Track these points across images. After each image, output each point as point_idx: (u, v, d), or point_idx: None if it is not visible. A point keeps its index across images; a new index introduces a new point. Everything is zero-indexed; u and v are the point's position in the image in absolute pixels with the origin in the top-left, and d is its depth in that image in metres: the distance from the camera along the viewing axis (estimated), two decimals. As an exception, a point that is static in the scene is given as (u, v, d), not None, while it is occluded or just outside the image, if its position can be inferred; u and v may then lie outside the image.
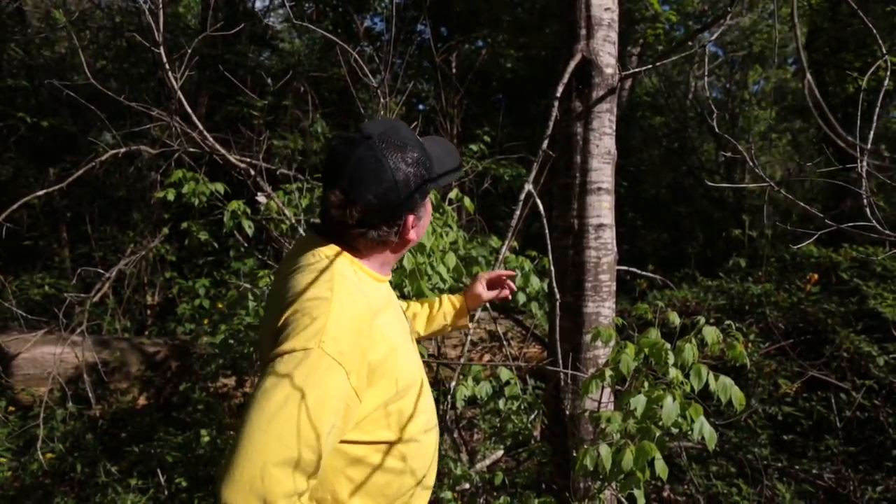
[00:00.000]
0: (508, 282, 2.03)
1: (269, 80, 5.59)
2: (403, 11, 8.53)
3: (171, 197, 3.50)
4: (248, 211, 3.53)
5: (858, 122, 1.76)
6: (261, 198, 3.59)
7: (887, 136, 9.48)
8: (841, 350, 4.25)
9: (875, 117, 1.63)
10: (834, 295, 4.80)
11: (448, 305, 1.95)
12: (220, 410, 4.00)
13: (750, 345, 4.40)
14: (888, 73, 1.54)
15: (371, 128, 1.32)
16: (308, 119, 6.59)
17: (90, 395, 3.68)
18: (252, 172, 3.46)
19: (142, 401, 4.35)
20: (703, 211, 10.22)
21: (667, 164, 10.96)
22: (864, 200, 1.33)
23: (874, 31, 2.00)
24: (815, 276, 5.03)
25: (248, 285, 3.44)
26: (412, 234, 1.36)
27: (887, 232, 1.24)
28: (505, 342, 3.30)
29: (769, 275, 5.54)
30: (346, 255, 1.32)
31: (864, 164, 1.34)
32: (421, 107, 9.71)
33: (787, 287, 5.06)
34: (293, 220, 3.53)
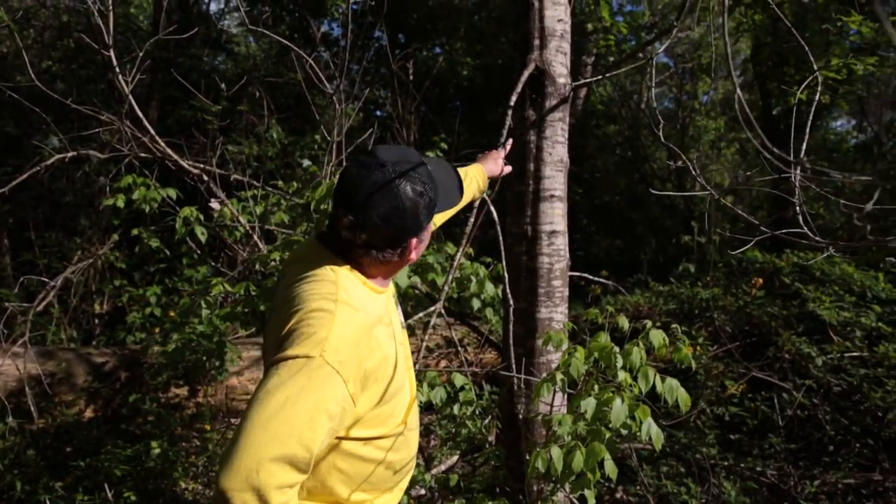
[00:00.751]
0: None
1: (223, 85, 5.53)
2: (360, 17, 8.54)
3: (120, 203, 3.44)
4: (202, 217, 3.49)
5: (793, 134, 1.86)
6: (214, 204, 3.56)
7: (825, 147, 9.90)
8: (783, 351, 4.42)
9: (807, 129, 1.72)
10: (777, 299, 4.99)
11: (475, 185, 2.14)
12: (171, 421, 3.92)
13: (699, 348, 4.52)
14: (818, 89, 1.64)
15: (385, 154, 1.40)
16: (263, 124, 6.53)
17: (32, 408, 3.56)
18: (205, 178, 3.43)
19: (88, 413, 4.23)
20: (655, 218, 10.46)
21: (621, 172, 11.19)
22: (798, 209, 1.41)
23: (807, 48, 2.11)
24: (760, 280, 5.21)
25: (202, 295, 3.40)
26: (413, 256, 1.46)
27: (817, 238, 1.32)
28: (461, 348, 3.35)
29: (717, 279, 5.71)
30: (349, 270, 1.41)
31: (797, 175, 1.42)
32: (378, 113, 9.72)
33: (734, 291, 5.23)
34: (247, 228, 3.51)
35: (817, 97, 1.72)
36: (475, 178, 2.15)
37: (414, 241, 1.43)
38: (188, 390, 4.43)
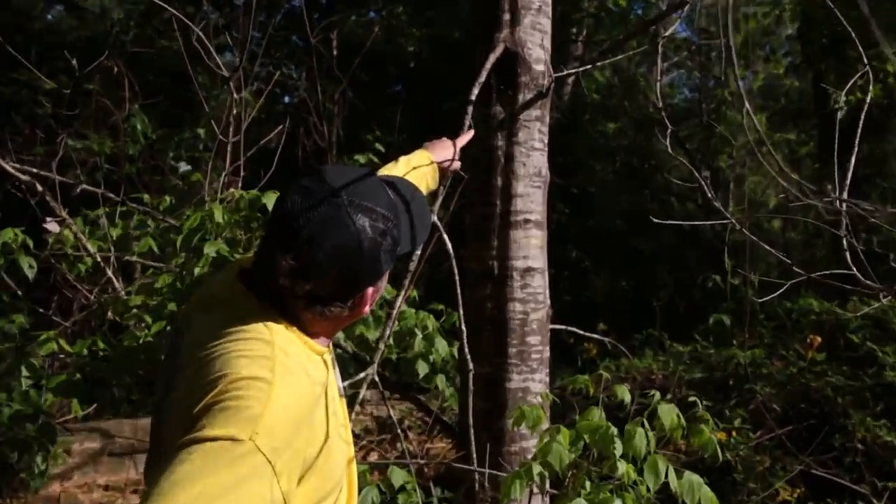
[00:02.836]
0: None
1: (67, 54, 5.49)
2: (265, -34, 8.63)
3: None
4: (30, 243, 3.45)
5: (858, 137, 1.98)
6: (51, 225, 3.53)
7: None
8: (855, 440, 4.43)
9: (856, 142, 1.83)
10: (843, 364, 5.03)
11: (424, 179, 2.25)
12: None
13: (734, 433, 4.57)
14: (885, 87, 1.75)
15: (336, 178, 1.46)
16: (123, 111, 6.51)
17: None
18: (39, 188, 3.41)
19: None
20: (672, 249, 10.60)
21: (624, 186, 11.34)
22: (845, 243, 1.50)
23: (872, 25, 2.26)
24: (818, 339, 5.17)
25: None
26: (366, 309, 1.53)
27: (867, 282, 1.40)
28: (400, 432, 3.36)
29: (759, 337, 5.82)
30: (287, 327, 1.45)
31: (842, 202, 1.51)
32: (287, 99, 9.79)
33: (784, 354, 5.30)
34: (97, 258, 3.49)
35: (868, 95, 1.85)
36: (424, 172, 2.24)
37: (370, 290, 1.50)
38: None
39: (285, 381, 1.32)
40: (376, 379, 2.79)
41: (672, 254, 10.62)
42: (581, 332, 3.25)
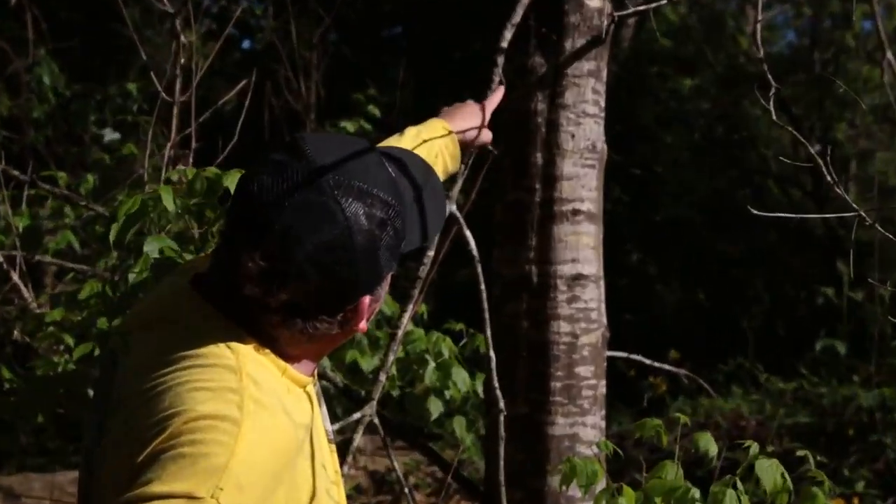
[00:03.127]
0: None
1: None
2: None
3: None
4: None
5: None
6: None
7: None
8: None
9: None
10: None
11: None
12: None
13: (856, 500, 4.60)
14: None
15: (319, 150, 1.46)
16: (26, 60, 6.58)
17: None
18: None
19: None
20: (769, 251, 10.57)
21: (703, 165, 11.32)
22: None
23: None
24: None
25: None
26: (363, 324, 1.54)
27: None
28: (406, 492, 3.41)
29: (891, 371, 5.83)
30: (256, 349, 1.46)
31: None
32: (247, 44, 9.84)
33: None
34: (-1, 258, 3.53)
35: None
36: (439, 147, 2.25)
37: (367, 299, 1.50)
38: None
39: (257, 420, 1.33)
40: (375, 421, 2.83)
41: (769, 258, 10.58)
42: (647, 361, 3.28)
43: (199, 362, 1.38)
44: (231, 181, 2.83)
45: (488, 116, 2.44)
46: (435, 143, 2.22)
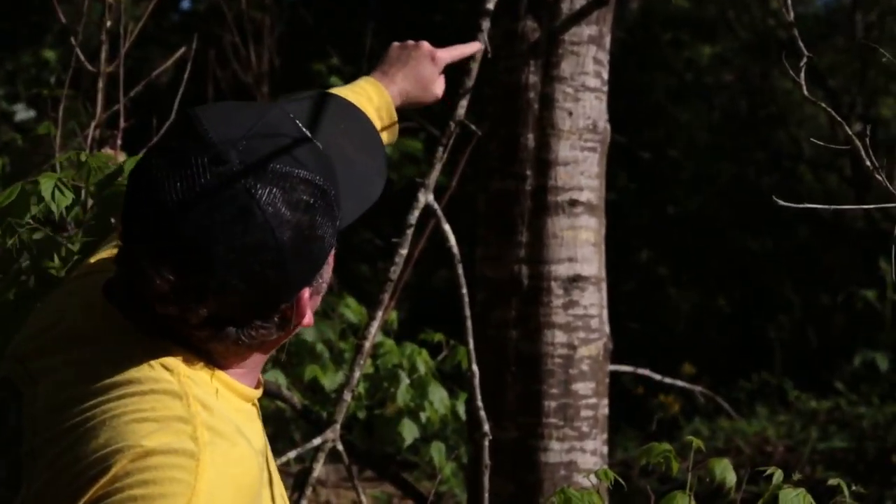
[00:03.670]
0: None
1: None
2: None
3: None
4: None
5: None
6: None
7: None
8: None
9: None
10: None
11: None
12: None
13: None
14: None
15: (219, 129, 1.39)
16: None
17: None
18: None
19: None
20: (800, 249, 10.64)
21: (723, 148, 11.36)
22: None
23: None
24: None
25: None
26: (308, 317, 1.51)
27: None
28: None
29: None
30: (191, 365, 1.42)
31: None
32: (186, 4, 9.83)
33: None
34: None
35: None
36: (374, 111, 2.20)
37: (307, 291, 1.47)
38: None
39: (217, 451, 1.30)
40: (338, 448, 2.81)
41: (800, 256, 10.63)
42: (657, 376, 3.28)
43: (132, 389, 1.34)
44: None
45: (440, 68, 2.34)
46: (372, 110, 2.17)
